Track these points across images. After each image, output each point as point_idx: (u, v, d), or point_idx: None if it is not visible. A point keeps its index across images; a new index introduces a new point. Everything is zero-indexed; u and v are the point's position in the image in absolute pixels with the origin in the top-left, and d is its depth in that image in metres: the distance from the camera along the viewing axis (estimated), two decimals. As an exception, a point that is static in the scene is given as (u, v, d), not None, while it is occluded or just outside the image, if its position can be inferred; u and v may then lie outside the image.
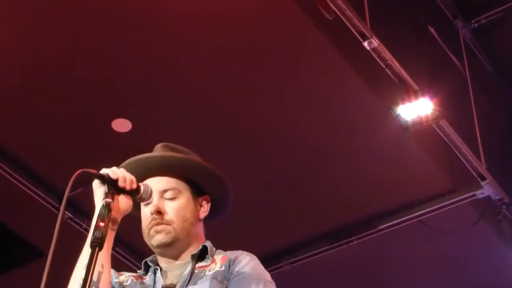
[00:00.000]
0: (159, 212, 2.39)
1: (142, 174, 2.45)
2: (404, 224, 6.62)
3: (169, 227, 2.39)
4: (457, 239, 6.69)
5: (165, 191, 2.44)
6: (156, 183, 2.45)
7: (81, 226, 6.13)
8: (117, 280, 2.42)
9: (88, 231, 2.17)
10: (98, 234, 2.09)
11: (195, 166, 2.49)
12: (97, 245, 2.08)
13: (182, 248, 2.41)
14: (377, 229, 6.67)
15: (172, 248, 2.40)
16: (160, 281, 2.35)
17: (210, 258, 2.39)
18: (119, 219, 2.30)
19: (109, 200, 2.20)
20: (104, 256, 2.24)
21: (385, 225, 6.64)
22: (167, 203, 2.43)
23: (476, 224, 6.56)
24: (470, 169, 6.10)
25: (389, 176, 6.29)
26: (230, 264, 2.33)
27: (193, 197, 2.47)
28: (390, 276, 7.24)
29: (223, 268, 2.32)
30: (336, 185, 6.36)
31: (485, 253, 6.93)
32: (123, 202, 2.30)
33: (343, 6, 5.01)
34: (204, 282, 2.29)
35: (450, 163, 6.28)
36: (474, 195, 6.36)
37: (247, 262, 2.34)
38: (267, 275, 2.35)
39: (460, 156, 6.00)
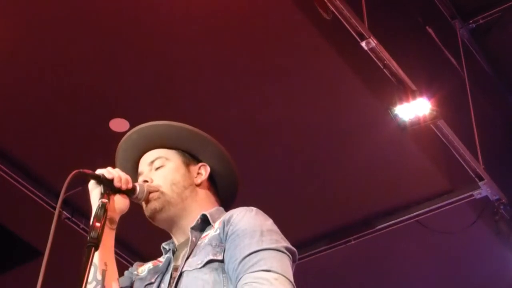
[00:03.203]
0: (146, 181, 2.37)
1: (134, 157, 2.47)
2: (402, 224, 6.62)
3: (157, 193, 2.35)
4: (454, 239, 6.69)
5: (152, 162, 2.43)
6: (145, 158, 2.45)
7: (78, 226, 6.12)
8: (135, 272, 2.41)
9: (85, 231, 2.18)
10: (93, 234, 2.08)
11: (176, 128, 2.46)
12: (93, 245, 2.06)
13: (179, 215, 2.36)
14: (375, 229, 6.67)
15: (166, 215, 2.35)
16: (172, 263, 2.31)
17: (212, 225, 2.29)
18: (117, 219, 2.29)
19: (105, 200, 2.20)
20: (106, 255, 2.24)
21: (383, 225, 6.65)
22: (155, 172, 2.41)
23: (474, 224, 6.56)
24: (468, 169, 6.10)
25: (387, 176, 6.29)
26: (225, 224, 2.22)
27: (186, 163, 2.43)
28: (388, 276, 7.24)
29: (217, 231, 2.23)
30: (333, 185, 6.37)
31: (482, 253, 6.93)
32: (120, 202, 2.29)
33: (341, 6, 5.01)
34: (201, 251, 2.22)
35: (447, 163, 6.29)
36: (472, 195, 6.36)
37: (241, 218, 2.21)
38: (264, 225, 2.20)
39: (457, 156, 6.00)
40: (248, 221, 2.20)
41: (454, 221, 6.60)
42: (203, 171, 2.44)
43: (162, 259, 2.39)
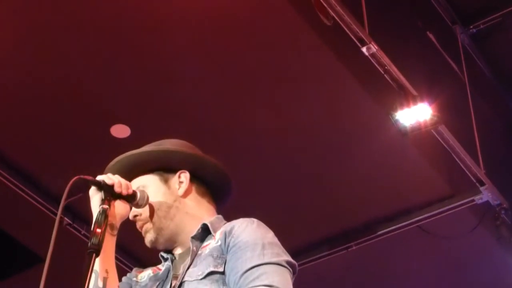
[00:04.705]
0: (136, 215, 2.38)
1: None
2: (403, 229, 6.61)
3: (147, 224, 2.36)
4: (456, 244, 6.68)
5: None
6: None
7: (80, 231, 6.13)
8: (134, 278, 2.40)
9: (87, 237, 2.18)
10: (94, 240, 2.08)
11: (138, 155, 2.43)
12: (94, 251, 2.07)
13: (175, 233, 2.35)
14: (376, 234, 6.66)
15: (163, 239, 2.35)
16: (171, 271, 2.31)
17: (213, 235, 2.28)
18: (118, 225, 2.29)
19: (105, 206, 2.20)
20: (107, 262, 2.24)
21: (384, 231, 6.63)
22: None
23: (475, 229, 6.55)
24: (469, 175, 6.10)
25: (387, 181, 6.29)
26: (226, 236, 2.21)
27: (164, 180, 2.41)
28: (389, 281, 7.23)
29: (219, 243, 2.22)
30: (334, 190, 6.36)
31: (484, 258, 6.92)
32: (120, 208, 2.30)
33: (342, 11, 5.02)
34: (202, 262, 2.21)
35: (449, 169, 6.28)
36: (473, 200, 6.35)
37: (242, 230, 2.20)
38: (266, 237, 2.19)
39: (459, 162, 6.00)
40: (250, 234, 2.19)
41: (455, 226, 6.59)
42: (183, 178, 2.42)
43: (161, 266, 2.39)
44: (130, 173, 2.43)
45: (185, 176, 2.41)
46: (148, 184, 2.41)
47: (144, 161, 2.43)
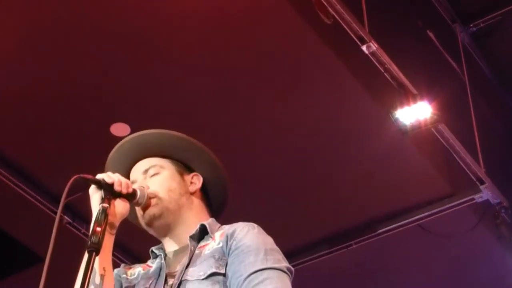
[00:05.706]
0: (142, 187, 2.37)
1: (126, 167, 2.46)
2: (403, 228, 6.61)
3: (155, 199, 2.35)
4: (455, 243, 6.69)
5: (146, 170, 2.42)
6: (138, 167, 2.45)
7: (80, 230, 6.13)
8: (124, 275, 2.40)
9: (87, 235, 2.17)
10: (94, 239, 2.09)
11: (168, 137, 2.46)
12: (93, 250, 2.07)
13: (176, 222, 2.37)
14: (376, 233, 6.66)
15: (165, 221, 2.35)
16: (164, 269, 2.31)
17: (210, 236, 2.32)
18: (117, 224, 2.29)
19: (105, 205, 2.20)
20: (105, 260, 2.24)
21: (384, 229, 6.63)
22: (150, 180, 2.41)
23: (475, 228, 6.55)
24: (469, 173, 6.10)
25: (388, 180, 6.29)
26: (228, 239, 2.24)
27: (179, 172, 2.44)
28: (389, 280, 7.23)
29: (220, 244, 2.25)
30: (335, 189, 6.36)
31: (483, 257, 6.92)
32: (120, 206, 2.29)
33: (342, 10, 5.02)
34: (203, 262, 2.23)
35: (449, 167, 6.28)
36: (473, 199, 6.36)
37: (244, 234, 2.25)
38: (267, 243, 2.24)
39: (459, 160, 6.00)
40: (252, 238, 2.23)
41: (455, 225, 6.60)
42: (197, 181, 2.46)
43: (151, 263, 2.40)
44: (146, 151, 2.45)
45: (198, 179, 2.46)
46: (166, 167, 2.43)
47: (170, 145, 2.46)
